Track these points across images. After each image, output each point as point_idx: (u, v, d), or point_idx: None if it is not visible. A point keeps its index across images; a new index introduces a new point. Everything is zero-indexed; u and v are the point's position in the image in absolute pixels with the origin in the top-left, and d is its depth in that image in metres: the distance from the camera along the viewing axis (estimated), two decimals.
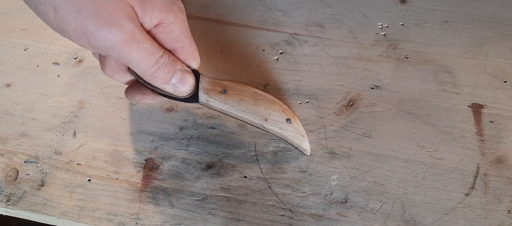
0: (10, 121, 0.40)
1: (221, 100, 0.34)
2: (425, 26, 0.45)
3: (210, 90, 0.35)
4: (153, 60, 0.30)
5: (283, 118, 0.35)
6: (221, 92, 0.35)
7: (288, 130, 0.35)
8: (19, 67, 0.44)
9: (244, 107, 0.34)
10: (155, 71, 0.30)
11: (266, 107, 0.35)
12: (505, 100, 0.40)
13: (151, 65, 0.30)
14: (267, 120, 0.35)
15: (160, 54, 0.30)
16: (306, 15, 0.47)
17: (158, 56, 0.30)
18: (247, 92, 0.35)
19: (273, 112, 0.35)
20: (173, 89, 0.32)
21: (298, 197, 0.35)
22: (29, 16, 0.48)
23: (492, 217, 0.34)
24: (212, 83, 0.35)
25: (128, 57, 0.28)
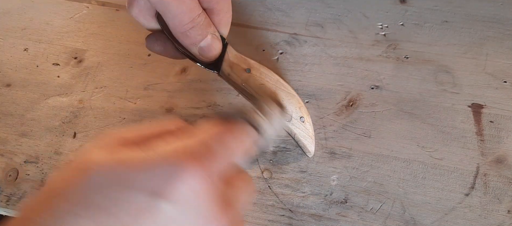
0: (10, 121, 0.40)
1: (243, 79, 0.33)
2: (425, 26, 0.45)
3: (235, 65, 0.33)
4: (190, 17, 0.28)
5: (298, 115, 0.34)
6: (245, 70, 0.33)
7: (300, 128, 0.35)
8: (19, 67, 0.44)
9: (263, 93, 0.33)
10: (188, 29, 0.28)
11: (284, 98, 0.34)
12: (505, 100, 0.40)
13: (187, 21, 0.28)
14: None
15: (198, 13, 0.28)
16: (306, 15, 0.47)
17: (195, 14, 0.28)
18: (270, 78, 0.34)
19: (290, 106, 0.34)
20: (199, 52, 0.30)
21: (298, 197, 0.35)
22: (29, 16, 0.48)
23: (492, 217, 0.34)
24: (238, 58, 0.33)
25: (167, 6, 0.26)
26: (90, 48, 0.45)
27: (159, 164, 0.19)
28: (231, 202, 0.21)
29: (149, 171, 0.18)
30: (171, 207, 0.18)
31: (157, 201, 0.18)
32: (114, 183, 0.18)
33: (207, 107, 0.41)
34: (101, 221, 0.17)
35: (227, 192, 0.21)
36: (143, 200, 0.18)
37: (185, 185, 0.18)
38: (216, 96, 0.41)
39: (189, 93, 0.42)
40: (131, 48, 0.45)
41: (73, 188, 0.18)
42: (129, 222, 0.17)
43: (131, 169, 0.19)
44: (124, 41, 0.45)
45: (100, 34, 0.46)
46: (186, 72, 0.43)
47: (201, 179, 0.19)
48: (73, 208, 0.17)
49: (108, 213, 0.17)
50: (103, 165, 0.19)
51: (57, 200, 0.18)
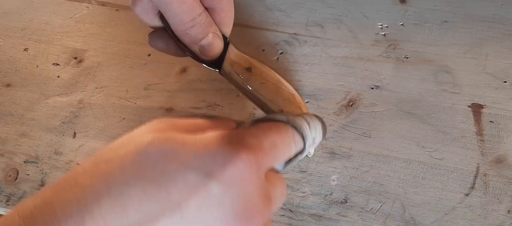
0: (10, 121, 0.40)
1: (244, 78, 0.33)
2: (425, 26, 0.45)
3: (236, 63, 0.33)
4: (191, 16, 0.28)
5: None
6: (246, 69, 0.33)
7: None
8: (19, 67, 0.44)
9: (264, 92, 0.33)
10: (188, 28, 0.29)
11: (285, 98, 0.34)
12: (505, 100, 0.40)
13: (188, 20, 0.28)
14: (282, 112, 0.34)
15: (199, 12, 0.28)
16: (306, 15, 0.47)
17: (196, 13, 0.28)
18: (271, 77, 0.34)
19: (291, 106, 0.34)
20: (200, 50, 0.31)
21: (298, 197, 0.35)
22: (29, 16, 0.48)
23: (492, 217, 0.34)
24: (240, 56, 0.33)
25: (168, 6, 0.27)
26: (90, 48, 0.45)
27: (213, 147, 0.19)
28: (271, 198, 0.22)
29: (203, 153, 0.19)
30: (219, 187, 0.18)
31: (207, 181, 0.18)
32: (168, 159, 0.19)
33: (207, 107, 0.41)
34: (152, 193, 0.17)
35: (269, 188, 0.22)
36: (195, 179, 0.18)
37: (236, 170, 0.19)
38: (216, 96, 0.41)
39: (189, 93, 0.42)
40: (131, 48, 0.45)
41: (126, 159, 0.19)
42: (178, 197, 0.18)
43: (186, 149, 0.19)
44: (124, 41, 0.45)
45: (100, 34, 0.46)
46: (186, 72, 0.43)
47: (251, 166, 0.20)
48: (125, 177, 0.18)
49: (159, 186, 0.18)
50: (158, 141, 0.19)
51: (109, 167, 0.18)
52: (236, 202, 0.19)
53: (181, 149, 0.19)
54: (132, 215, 0.17)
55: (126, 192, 0.17)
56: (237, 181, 0.19)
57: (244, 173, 0.19)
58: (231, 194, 0.19)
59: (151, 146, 0.19)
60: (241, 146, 0.20)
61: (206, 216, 0.18)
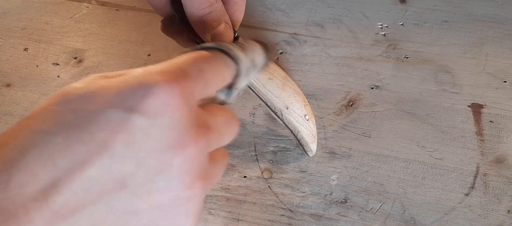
0: (10, 121, 0.40)
1: None
2: (425, 26, 0.45)
3: None
4: (209, 1, 0.28)
5: (303, 112, 0.34)
6: None
7: (303, 126, 0.35)
8: (19, 67, 0.44)
9: (271, 87, 0.33)
10: (205, 14, 0.28)
11: (290, 95, 0.34)
12: (505, 100, 0.40)
13: (205, 6, 0.28)
14: (288, 108, 0.33)
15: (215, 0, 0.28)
16: (306, 15, 0.47)
17: (214, 0, 0.28)
18: (278, 73, 0.33)
19: (296, 103, 0.34)
20: (211, 39, 0.30)
21: (298, 197, 0.35)
22: (29, 16, 0.48)
23: (492, 217, 0.34)
24: None
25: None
26: (90, 48, 0.45)
27: (133, 83, 0.19)
28: (208, 125, 0.21)
29: (123, 90, 0.19)
30: (143, 120, 0.18)
31: (130, 115, 0.18)
32: (88, 102, 0.18)
33: None
34: (76, 137, 0.17)
35: (205, 116, 0.21)
36: (117, 115, 0.18)
37: (157, 99, 0.18)
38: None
39: None
40: (131, 48, 0.45)
41: (46, 110, 0.18)
42: (102, 137, 0.17)
43: (106, 89, 0.19)
44: (124, 41, 0.45)
45: (100, 34, 0.46)
46: None
47: (174, 93, 0.19)
48: (46, 127, 0.17)
49: (82, 129, 0.17)
50: (79, 88, 0.19)
51: (30, 122, 0.18)
52: (165, 131, 0.19)
53: (101, 90, 0.19)
54: (59, 162, 0.17)
55: (50, 140, 0.17)
56: (161, 111, 0.18)
57: (168, 100, 0.19)
58: (158, 124, 0.18)
59: (71, 92, 0.19)
60: (161, 75, 0.19)
61: (136, 151, 0.18)
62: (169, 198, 0.19)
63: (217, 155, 0.23)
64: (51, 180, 0.17)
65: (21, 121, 0.18)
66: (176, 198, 0.19)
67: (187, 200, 0.20)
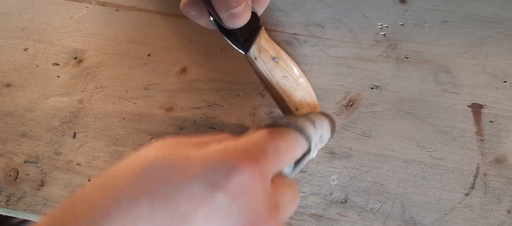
0: (10, 121, 0.40)
1: (268, 66, 0.32)
2: (425, 26, 0.45)
3: (264, 50, 0.32)
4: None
5: None
6: (272, 58, 0.33)
7: None
8: (19, 67, 0.44)
9: (284, 85, 0.33)
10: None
11: (301, 97, 0.34)
12: (505, 100, 0.40)
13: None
14: (297, 110, 0.33)
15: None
16: (306, 15, 0.47)
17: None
18: (294, 71, 0.33)
19: (305, 107, 0.34)
20: (228, 18, 0.30)
21: None
22: (29, 16, 0.48)
23: (492, 217, 0.34)
24: (269, 43, 0.33)
25: None
26: (90, 48, 0.45)
27: (216, 159, 0.20)
28: (279, 206, 0.22)
29: (207, 165, 0.19)
30: (225, 198, 0.19)
31: (214, 192, 0.19)
32: (174, 174, 0.19)
33: (207, 107, 0.41)
34: (160, 206, 0.18)
35: (276, 196, 0.22)
36: (201, 191, 0.18)
37: (239, 179, 0.19)
38: (216, 96, 0.41)
39: (189, 93, 0.42)
40: (131, 48, 0.45)
41: (134, 175, 0.19)
42: (186, 209, 0.18)
43: (191, 163, 0.19)
44: (124, 41, 0.45)
45: (100, 34, 0.46)
46: (186, 72, 0.43)
47: (255, 175, 0.20)
48: (133, 192, 0.18)
49: (167, 199, 0.18)
50: (164, 157, 0.20)
51: (117, 183, 0.19)
52: (243, 212, 0.19)
53: (186, 162, 0.19)
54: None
55: (135, 206, 0.18)
56: (242, 191, 0.19)
57: (248, 182, 0.20)
58: (237, 204, 0.19)
59: (157, 161, 0.19)
60: (244, 155, 0.20)
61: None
62: None
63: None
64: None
65: (105, 181, 0.19)
66: None
67: None
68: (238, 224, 0.19)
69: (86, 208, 0.18)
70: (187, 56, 0.44)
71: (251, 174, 0.20)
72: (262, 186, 0.20)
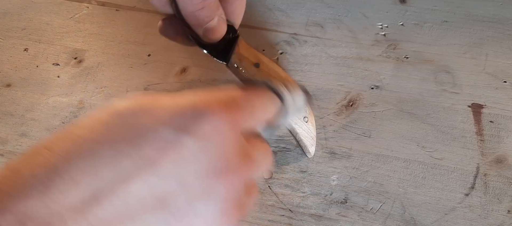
0: (10, 121, 0.40)
1: (251, 73, 0.33)
2: (425, 26, 0.45)
3: (245, 58, 0.33)
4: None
5: (301, 115, 0.34)
6: (254, 64, 0.33)
7: (302, 128, 0.35)
8: (19, 67, 0.44)
9: None
10: (197, 10, 0.29)
11: None
12: (505, 100, 0.40)
13: (198, 1, 0.28)
14: None
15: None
16: (306, 15, 0.47)
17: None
18: (278, 74, 0.33)
19: None
20: (204, 33, 0.30)
21: (298, 197, 0.35)
22: (29, 16, 0.48)
23: (492, 217, 0.34)
24: (249, 51, 0.33)
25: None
26: (90, 48, 0.45)
27: (187, 105, 0.19)
28: (251, 157, 0.21)
29: (177, 111, 0.19)
30: (193, 142, 0.18)
31: (181, 136, 0.18)
32: (140, 117, 0.18)
33: None
34: (124, 151, 0.17)
35: (248, 147, 0.22)
36: (168, 135, 0.18)
37: (209, 125, 0.19)
38: None
39: None
40: (131, 48, 0.45)
41: (98, 123, 0.18)
42: (151, 154, 0.17)
43: (160, 108, 0.19)
44: (124, 41, 0.45)
45: (100, 34, 0.46)
46: (186, 72, 0.43)
47: (226, 122, 0.19)
48: (96, 137, 0.17)
49: (131, 143, 0.17)
50: (132, 103, 0.19)
51: (77, 130, 0.18)
52: (212, 157, 0.19)
53: (155, 108, 0.19)
54: (105, 175, 0.16)
55: (97, 151, 0.17)
56: (212, 136, 0.19)
57: (219, 127, 0.19)
58: (206, 149, 0.18)
59: (124, 108, 0.19)
60: (216, 102, 0.20)
61: (181, 172, 0.18)
62: (206, 224, 0.19)
63: (251, 187, 0.23)
64: (93, 192, 0.16)
65: (67, 128, 0.18)
66: (212, 224, 0.19)
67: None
68: (208, 169, 0.18)
69: (45, 156, 0.17)
70: (187, 56, 0.44)
71: (223, 121, 0.19)
72: (233, 133, 0.20)
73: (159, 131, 0.18)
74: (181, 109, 0.19)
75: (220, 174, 0.19)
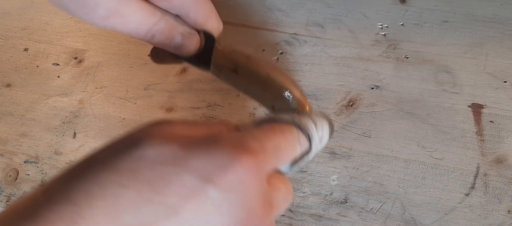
0: (10, 121, 0.40)
1: (230, 79, 0.32)
2: (425, 26, 0.45)
3: (221, 66, 0.32)
4: (144, 29, 0.28)
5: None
6: (231, 71, 0.33)
7: None
8: (19, 67, 0.44)
9: (252, 92, 0.32)
10: (150, 38, 0.29)
11: (275, 95, 0.33)
12: (505, 100, 0.40)
13: (144, 34, 0.28)
14: (274, 108, 0.33)
15: (153, 22, 0.28)
16: (306, 15, 0.47)
17: (150, 24, 0.28)
18: (259, 75, 0.32)
19: (282, 102, 0.33)
20: (175, 51, 0.30)
21: (298, 197, 0.35)
22: (29, 16, 0.48)
23: (492, 217, 0.34)
24: (225, 57, 0.32)
25: (117, 29, 0.27)
26: (90, 48, 0.45)
27: (211, 150, 0.18)
28: (272, 204, 0.21)
29: (203, 156, 0.18)
30: (217, 193, 0.17)
31: (206, 185, 0.17)
32: (166, 161, 0.18)
33: (207, 107, 0.41)
34: (148, 196, 0.17)
35: (271, 193, 0.21)
36: (192, 182, 0.17)
37: (236, 175, 0.18)
38: (216, 96, 0.41)
39: (189, 93, 0.42)
40: (131, 48, 0.45)
41: (122, 158, 0.18)
42: (174, 202, 0.17)
43: (186, 151, 0.18)
44: (124, 41, 0.45)
45: (100, 34, 0.46)
46: (186, 72, 0.43)
47: (252, 173, 0.19)
48: (119, 178, 0.17)
49: (155, 189, 0.17)
50: (156, 143, 0.18)
51: (101, 168, 0.17)
52: (235, 209, 0.18)
53: (179, 152, 0.18)
54: (126, 219, 0.16)
55: (121, 194, 0.16)
56: (236, 187, 0.18)
57: (244, 178, 0.18)
58: (230, 200, 0.18)
59: (148, 148, 0.18)
60: (242, 149, 0.19)
61: (202, 222, 0.17)
62: None
63: None
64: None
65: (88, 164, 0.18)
66: None
67: None
68: (229, 221, 0.18)
69: (69, 192, 0.16)
70: None
71: (248, 169, 0.19)
72: (258, 183, 0.19)
73: (184, 178, 0.17)
74: (206, 153, 0.18)
75: None
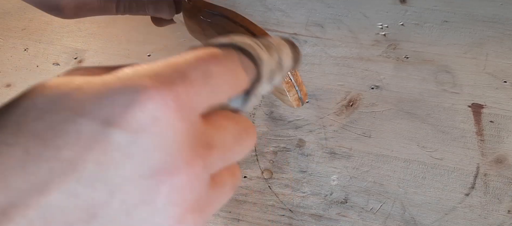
0: None
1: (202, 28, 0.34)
2: (425, 26, 0.45)
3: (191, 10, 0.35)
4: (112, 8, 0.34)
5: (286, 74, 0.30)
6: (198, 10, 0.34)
7: None
8: (19, 67, 0.44)
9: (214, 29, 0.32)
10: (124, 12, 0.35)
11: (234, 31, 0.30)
12: (505, 100, 0.40)
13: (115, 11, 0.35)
14: None
15: None
16: (306, 15, 0.47)
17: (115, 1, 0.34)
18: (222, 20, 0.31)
19: None
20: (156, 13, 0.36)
21: (298, 197, 0.35)
22: (29, 16, 0.48)
23: (492, 217, 0.34)
24: None
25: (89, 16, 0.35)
26: (90, 48, 0.45)
27: (117, 88, 0.15)
28: (212, 144, 0.17)
29: (104, 96, 0.15)
30: (123, 137, 0.14)
31: (108, 131, 0.14)
32: (60, 109, 0.14)
33: None
34: (37, 152, 0.14)
35: (209, 132, 0.17)
36: (92, 130, 0.14)
37: (145, 113, 0.15)
38: None
39: None
40: (131, 48, 0.45)
41: (7, 112, 0.14)
42: (70, 155, 0.14)
43: (84, 94, 0.15)
44: (124, 41, 0.45)
45: (100, 34, 0.46)
46: None
47: (169, 108, 0.15)
48: (3, 137, 0.14)
49: (45, 143, 0.14)
50: (51, 87, 0.15)
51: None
52: (149, 153, 0.15)
53: (75, 93, 0.14)
54: (15, 183, 0.13)
55: (5, 154, 0.13)
56: (148, 126, 0.14)
57: (158, 115, 0.15)
58: (141, 143, 0.14)
59: (39, 97, 0.14)
60: (152, 80, 0.15)
61: (111, 175, 0.14)
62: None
63: (224, 175, 0.18)
64: (1, 205, 0.13)
65: None
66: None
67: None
68: (143, 169, 0.14)
69: None
70: None
71: (162, 104, 0.15)
72: (181, 120, 0.15)
73: (79, 124, 0.14)
74: (108, 91, 0.15)
75: (162, 173, 0.15)
